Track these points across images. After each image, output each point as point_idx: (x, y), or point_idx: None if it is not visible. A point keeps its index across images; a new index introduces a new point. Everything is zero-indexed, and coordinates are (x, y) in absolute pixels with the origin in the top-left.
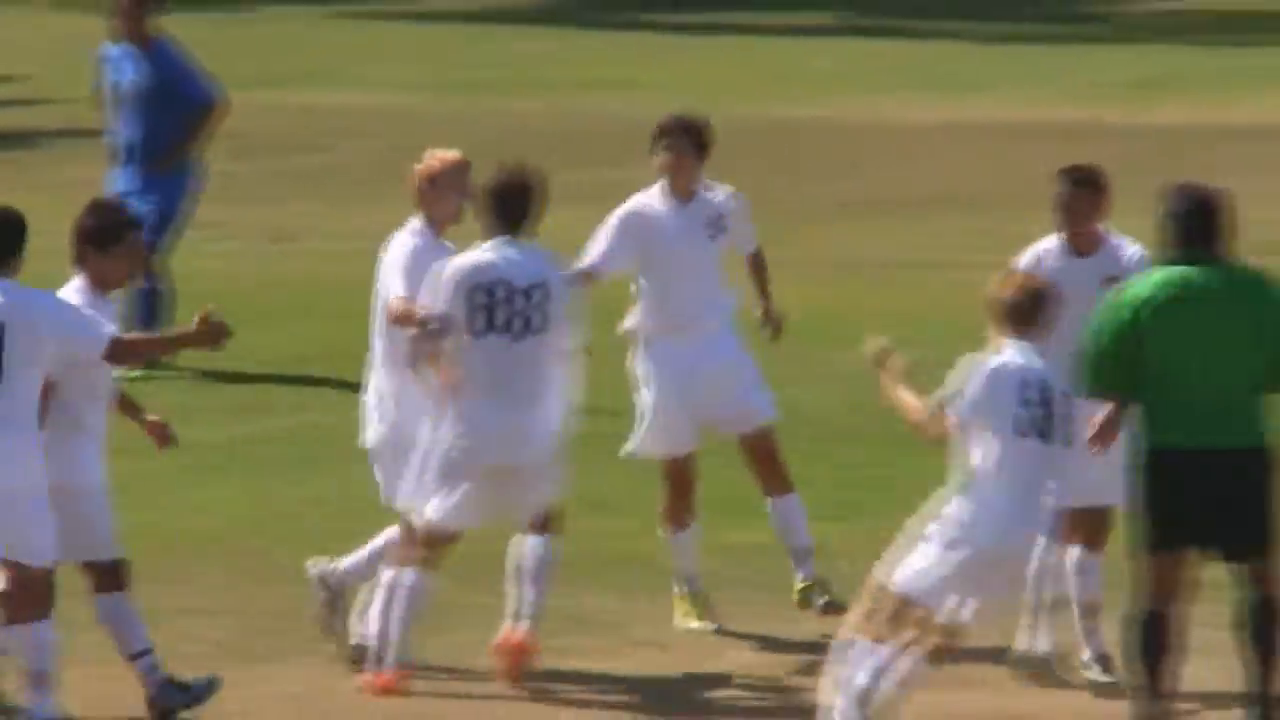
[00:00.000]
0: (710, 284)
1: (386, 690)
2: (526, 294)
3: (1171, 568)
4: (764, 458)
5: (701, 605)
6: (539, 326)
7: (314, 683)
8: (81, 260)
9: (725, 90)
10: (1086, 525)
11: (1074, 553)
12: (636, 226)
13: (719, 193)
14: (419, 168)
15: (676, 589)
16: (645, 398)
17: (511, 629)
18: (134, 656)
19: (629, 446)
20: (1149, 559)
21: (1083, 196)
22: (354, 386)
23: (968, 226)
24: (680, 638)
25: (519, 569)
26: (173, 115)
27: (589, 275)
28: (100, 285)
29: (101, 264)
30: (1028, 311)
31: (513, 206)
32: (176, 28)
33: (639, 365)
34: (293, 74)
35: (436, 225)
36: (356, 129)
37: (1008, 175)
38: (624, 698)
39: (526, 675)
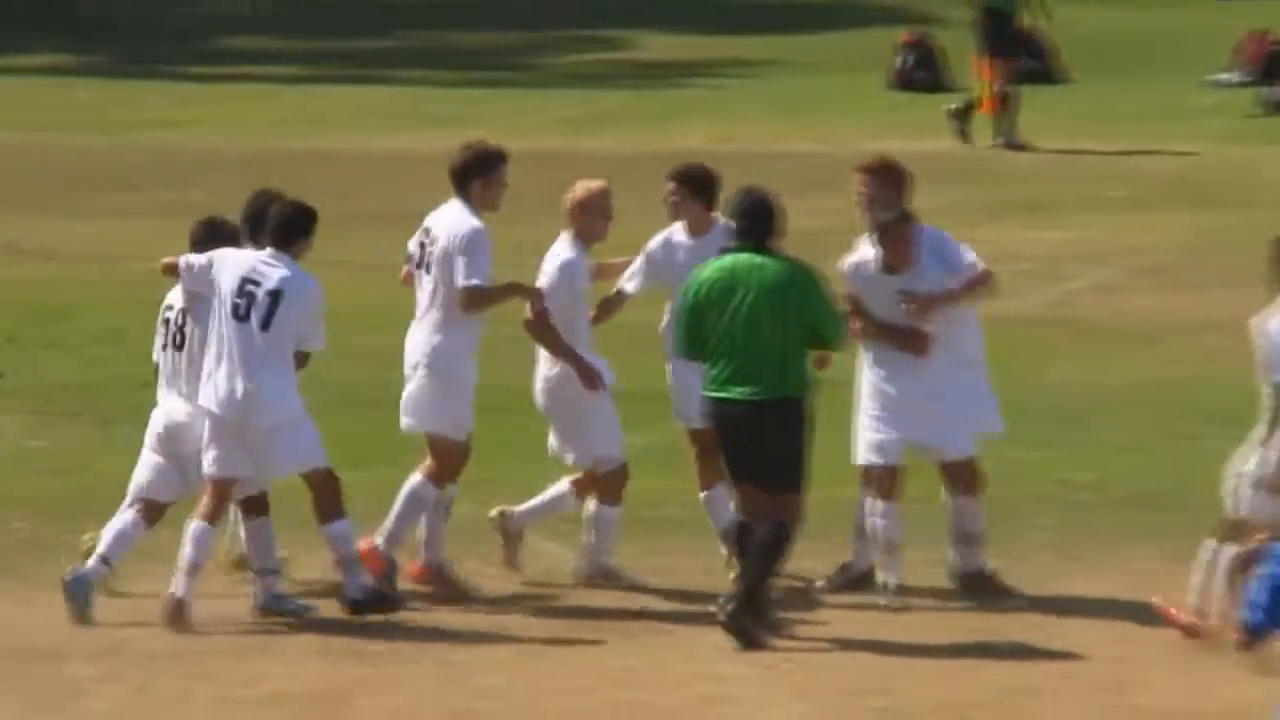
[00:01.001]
0: None
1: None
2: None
3: (746, 494)
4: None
5: None
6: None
7: None
8: None
9: (250, 127)
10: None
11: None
12: (656, 257)
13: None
14: (570, 195)
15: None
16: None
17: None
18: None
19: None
20: (734, 487)
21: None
22: None
23: None
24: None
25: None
26: None
27: (619, 294)
28: None
29: None
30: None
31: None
32: None
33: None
34: None
35: (584, 241)
36: None
37: None
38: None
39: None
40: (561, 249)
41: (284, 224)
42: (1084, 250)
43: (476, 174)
